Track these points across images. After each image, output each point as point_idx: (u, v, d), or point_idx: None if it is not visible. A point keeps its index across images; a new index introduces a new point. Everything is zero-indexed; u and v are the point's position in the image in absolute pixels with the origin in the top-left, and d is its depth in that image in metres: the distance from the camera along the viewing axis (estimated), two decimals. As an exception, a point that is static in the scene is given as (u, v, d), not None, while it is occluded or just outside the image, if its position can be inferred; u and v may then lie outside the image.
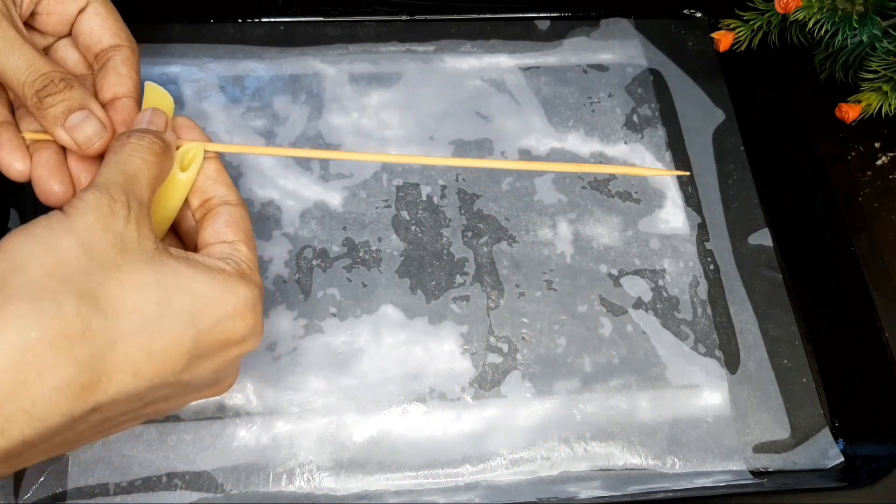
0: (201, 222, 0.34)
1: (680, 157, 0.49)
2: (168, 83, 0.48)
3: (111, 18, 0.38)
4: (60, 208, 0.28)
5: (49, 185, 0.35)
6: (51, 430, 0.25)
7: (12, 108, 0.36)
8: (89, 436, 0.28)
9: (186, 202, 0.35)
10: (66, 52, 0.39)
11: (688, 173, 0.48)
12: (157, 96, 0.37)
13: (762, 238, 0.47)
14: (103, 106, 0.36)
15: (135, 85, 0.37)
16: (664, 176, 0.48)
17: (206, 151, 0.35)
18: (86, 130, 0.34)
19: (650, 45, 0.53)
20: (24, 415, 0.24)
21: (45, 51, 0.39)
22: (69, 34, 0.38)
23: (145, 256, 0.28)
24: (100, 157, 0.35)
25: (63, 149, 0.35)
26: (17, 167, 0.35)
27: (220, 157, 0.36)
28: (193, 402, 0.39)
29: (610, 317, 0.43)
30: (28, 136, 0.35)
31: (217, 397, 0.33)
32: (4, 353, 0.24)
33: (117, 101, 0.36)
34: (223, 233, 0.32)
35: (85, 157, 0.35)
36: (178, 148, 0.35)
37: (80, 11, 0.37)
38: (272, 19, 0.52)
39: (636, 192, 0.47)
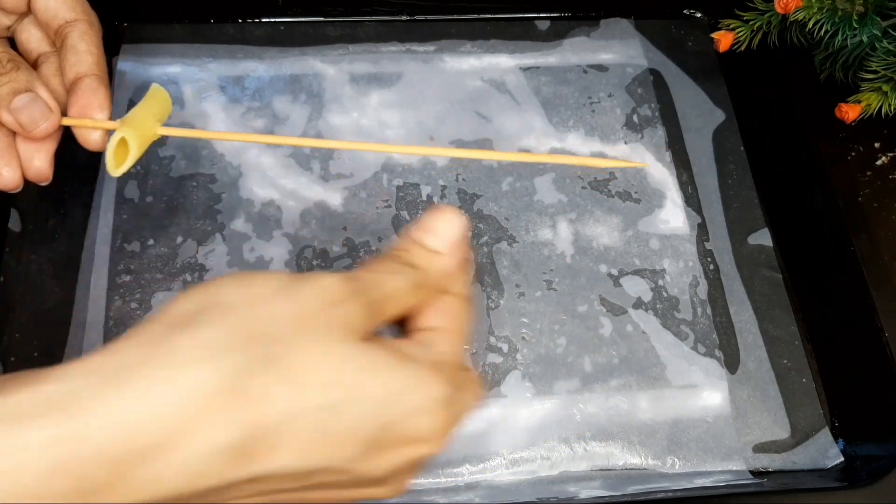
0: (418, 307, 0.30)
1: (680, 157, 0.49)
2: (168, 83, 0.49)
3: None
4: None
5: None
6: (202, 491, 0.23)
7: None
8: (240, 499, 0.26)
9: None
10: (30, 31, 0.38)
11: (647, 165, 0.48)
12: (158, 99, 0.37)
13: (762, 238, 0.47)
14: (68, 88, 0.35)
15: (95, 61, 0.36)
16: (623, 167, 0.47)
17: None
18: (31, 113, 0.33)
19: (650, 45, 0.53)
20: (180, 468, 0.22)
21: (9, 29, 0.38)
22: (29, 11, 0.37)
23: (349, 339, 0.25)
24: (48, 140, 0.34)
25: (13, 133, 0.35)
26: None
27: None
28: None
29: (610, 317, 0.43)
30: None
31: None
32: (172, 399, 0.22)
33: (79, 81, 0.35)
34: (432, 318, 0.29)
35: (32, 139, 0.34)
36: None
37: None
38: (272, 19, 0.52)
39: (636, 192, 0.47)
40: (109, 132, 0.35)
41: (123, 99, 0.47)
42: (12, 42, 0.39)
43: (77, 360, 0.22)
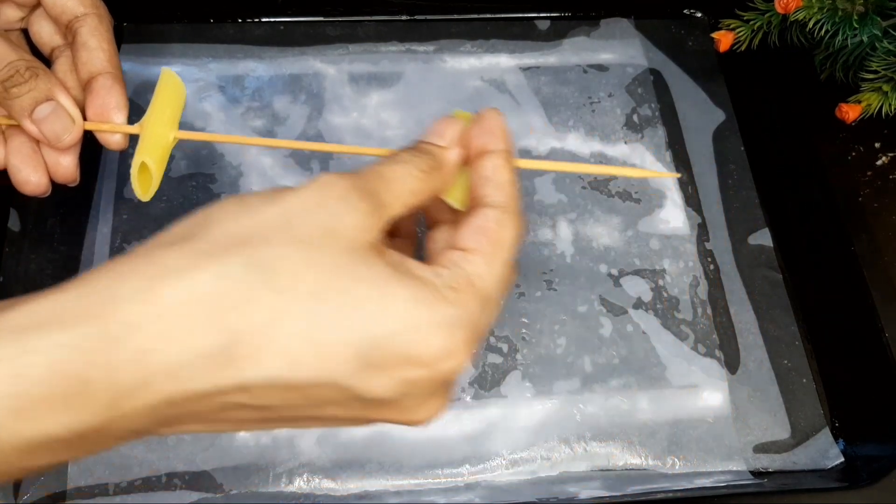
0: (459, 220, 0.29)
1: (680, 157, 0.49)
2: (168, 83, 0.48)
3: None
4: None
5: (24, 175, 0.34)
6: (192, 395, 0.23)
7: None
8: (246, 421, 0.25)
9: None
10: (41, 25, 0.38)
11: (679, 175, 0.48)
12: (172, 88, 0.36)
13: (762, 238, 0.47)
14: (83, 87, 0.35)
15: (108, 57, 0.35)
16: (657, 177, 0.47)
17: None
18: (53, 125, 0.33)
19: (650, 45, 0.53)
20: (166, 371, 0.22)
21: (23, 21, 0.38)
22: (40, 4, 0.37)
23: (349, 246, 0.25)
24: (72, 148, 0.34)
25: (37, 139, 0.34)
26: None
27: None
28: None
29: (610, 317, 0.43)
30: (1, 121, 0.34)
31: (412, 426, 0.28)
32: (156, 308, 0.22)
33: (94, 80, 0.35)
34: (466, 238, 0.28)
35: (57, 150, 0.34)
36: None
37: None
38: (272, 19, 0.52)
39: (636, 193, 0.47)
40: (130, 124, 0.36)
41: (123, 99, 0.47)
42: (27, 34, 0.39)
43: (72, 280, 0.23)
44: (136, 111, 0.37)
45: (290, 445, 0.39)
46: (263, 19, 0.52)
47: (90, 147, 0.36)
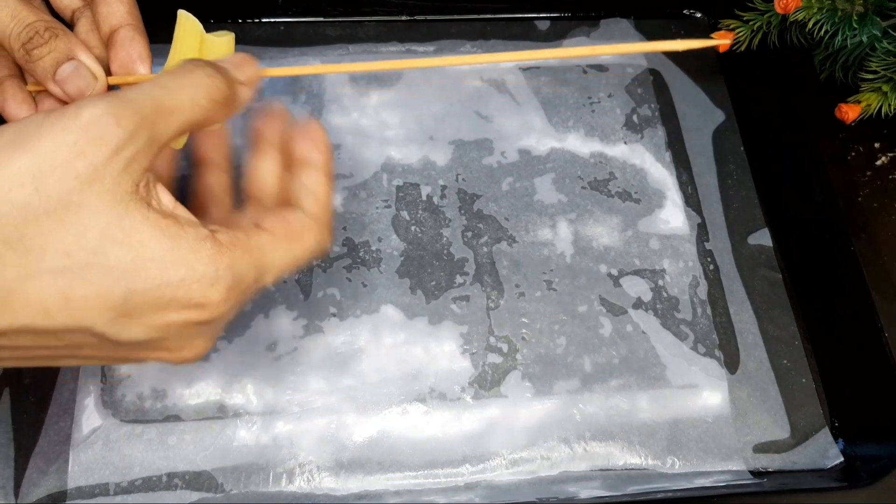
0: None
1: (680, 158, 0.49)
2: (168, 83, 0.48)
3: None
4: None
5: None
6: None
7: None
8: (5, 359, 0.27)
9: None
10: None
11: (729, 40, 0.46)
12: (188, 27, 0.36)
13: (762, 238, 0.47)
14: (105, 42, 0.35)
15: (127, 10, 0.35)
16: (701, 47, 0.46)
17: None
18: (77, 83, 0.32)
19: (650, 46, 0.53)
20: None
21: None
22: None
23: (110, 198, 0.25)
24: None
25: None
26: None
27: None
28: (194, 402, 0.39)
29: (610, 317, 0.43)
30: (31, 88, 0.34)
31: (183, 361, 0.30)
32: None
33: (115, 34, 0.34)
34: (265, 219, 0.30)
35: None
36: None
37: None
38: (272, 19, 0.52)
39: (636, 193, 0.47)
40: None
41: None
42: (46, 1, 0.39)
43: None
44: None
45: (290, 445, 0.39)
46: (263, 19, 0.52)
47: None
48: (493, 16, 0.53)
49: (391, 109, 0.49)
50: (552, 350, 0.42)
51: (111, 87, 0.35)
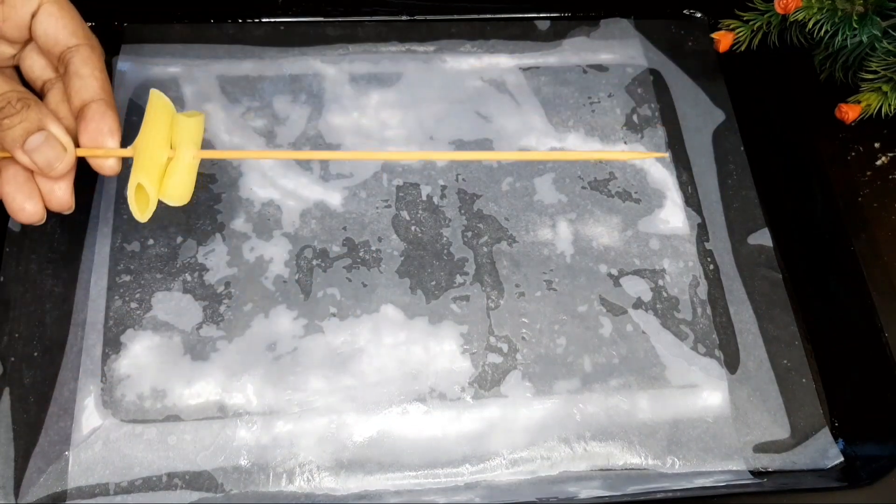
0: None
1: (680, 158, 0.49)
2: (168, 83, 0.49)
3: (65, 17, 0.37)
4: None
5: (18, 203, 0.34)
6: None
7: None
8: None
9: None
10: (34, 59, 0.38)
11: (666, 155, 0.48)
12: (161, 110, 0.37)
13: (762, 238, 0.47)
14: (75, 115, 0.35)
15: (100, 85, 0.36)
16: (642, 159, 0.47)
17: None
18: (46, 154, 0.33)
19: (650, 45, 0.53)
20: None
21: (14, 58, 0.38)
22: (31, 39, 0.37)
23: None
24: (66, 176, 0.35)
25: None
26: None
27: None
28: (194, 402, 0.39)
29: (610, 317, 0.43)
30: None
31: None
32: None
33: (86, 107, 0.35)
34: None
35: (50, 179, 0.34)
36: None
37: (34, 14, 0.36)
38: (272, 19, 0.52)
39: (636, 193, 0.47)
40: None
41: (124, 99, 0.47)
42: (18, 71, 0.39)
43: None
44: (137, 111, 0.37)
45: (290, 445, 0.39)
46: (263, 19, 0.52)
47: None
48: (493, 16, 0.53)
49: (391, 109, 0.49)
50: (552, 350, 0.42)
51: (80, 159, 0.36)
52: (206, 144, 0.47)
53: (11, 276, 0.42)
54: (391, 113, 0.49)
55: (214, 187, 0.46)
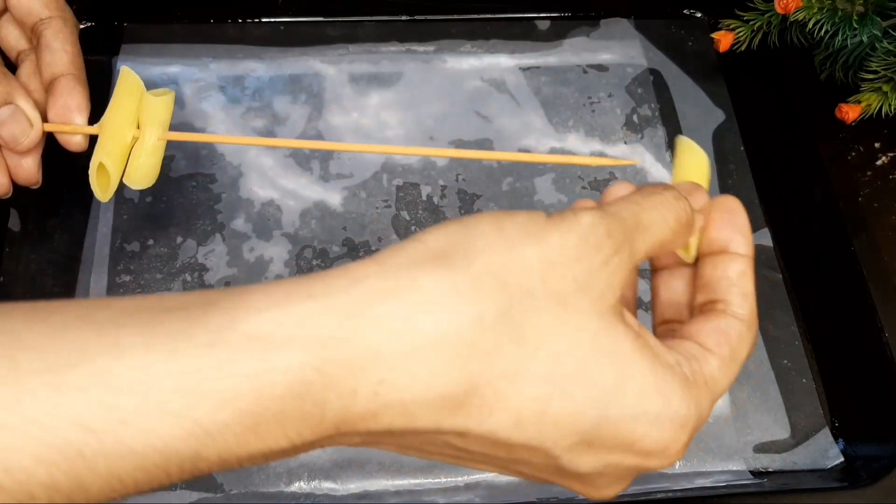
0: (697, 312, 0.28)
1: (680, 157, 0.49)
2: (168, 83, 0.49)
3: None
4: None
5: None
6: (414, 430, 0.22)
7: None
8: (438, 454, 0.25)
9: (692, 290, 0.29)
10: (8, 29, 0.38)
11: (637, 163, 0.48)
12: (130, 89, 0.36)
13: (762, 238, 0.47)
14: (45, 88, 0.35)
15: (71, 59, 0.35)
16: (612, 165, 0.47)
17: None
18: (12, 128, 0.33)
19: (650, 46, 0.53)
20: (401, 407, 0.21)
21: None
22: (6, 8, 0.37)
23: (598, 308, 0.23)
24: (33, 151, 0.34)
25: None
26: None
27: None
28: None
29: (610, 317, 0.43)
30: None
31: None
32: (405, 339, 0.21)
33: (56, 81, 0.35)
34: (706, 335, 0.26)
35: (16, 153, 0.34)
36: None
37: None
38: (272, 19, 0.52)
39: (636, 192, 0.47)
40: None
41: (123, 99, 0.47)
42: None
43: (316, 280, 0.21)
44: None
45: (290, 445, 0.39)
46: (263, 19, 0.52)
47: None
48: (493, 15, 0.53)
49: (391, 109, 0.49)
50: (552, 350, 0.42)
51: (47, 135, 0.36)
52: (207, 144, 0.47)
53: (11, 276, 0.42)
54: (391, 113, 0.49)
55: (214, 187, 0.46)
